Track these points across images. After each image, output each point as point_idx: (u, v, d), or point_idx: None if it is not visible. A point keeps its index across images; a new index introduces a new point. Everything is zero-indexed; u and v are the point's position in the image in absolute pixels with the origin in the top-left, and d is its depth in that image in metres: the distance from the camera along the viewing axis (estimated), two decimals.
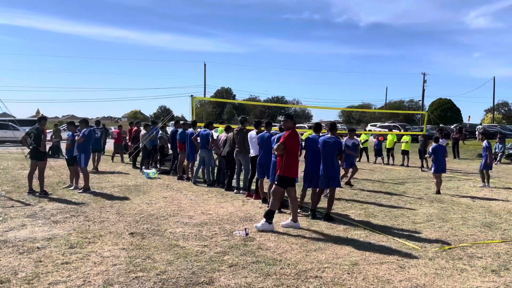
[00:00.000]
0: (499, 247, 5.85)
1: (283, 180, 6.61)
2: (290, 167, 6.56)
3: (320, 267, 4.85)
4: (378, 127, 37.40)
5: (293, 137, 6.62)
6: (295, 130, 6.80)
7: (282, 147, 6.54)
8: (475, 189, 11.44)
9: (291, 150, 6.57)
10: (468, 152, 23.85)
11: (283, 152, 6.55)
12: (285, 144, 6.54)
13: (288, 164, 6.54)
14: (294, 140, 6.61)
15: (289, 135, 6.62)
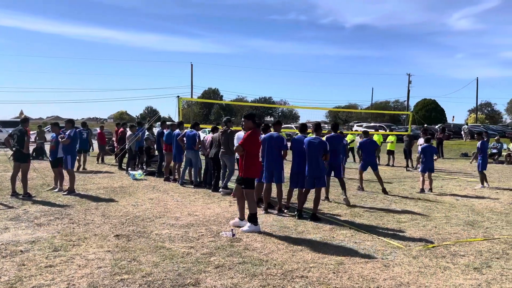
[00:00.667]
0: (481, 245, 5.97)
1: (247, 181, 6.56)
2: (251, 168, 6.53)
3: (306, 267, 4.88)
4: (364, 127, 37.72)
5: (252, 138, 6.58)
6: (255, 131, 6.71)
7: (241, 148, 6.51)
8: (459, 188, 11.62)
9: (250, 151, 6.54)
10: (452, 152, 24.23)
11: (243, 153, 6.52)
12: (244, 145, 6.50)
13: (249, 165, 6.51)
14: (253, 141, 6.58)
15: (248, 136, 6.57)
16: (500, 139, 20.33)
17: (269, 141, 7.83)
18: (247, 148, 6.53)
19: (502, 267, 5.03)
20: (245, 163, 6.53)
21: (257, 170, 6.72)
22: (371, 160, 10.54)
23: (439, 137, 22.74)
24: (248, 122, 6.71)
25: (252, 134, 6.62)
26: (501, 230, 6.89)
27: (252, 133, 6.63)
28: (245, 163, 6.53)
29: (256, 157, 6.71)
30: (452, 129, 38.94)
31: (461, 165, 18.55)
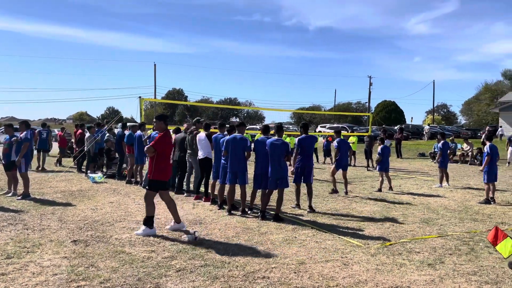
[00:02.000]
0: (435, 241, 6.23)
1: (154, 183, 6.39)
2: (161, 170, 6.36)
3: (268, 268, 4.92)
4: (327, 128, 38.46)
5: (164, 139, 6.38)
6: (167, 132, 6.52)
7: (152, 149, 6.28)
8: (416, 186, 12.08)
9: (162, 152, 6.36)
10: (410, 152, 25.12)
11: (154, 155, 6.32)
12: (155, 147, 6.30)
13: (159, 167, 6.34)
14: (165, 142, 6.39)
15: (161, 137, 6.36)
16: (455, 139, 21.27)
17: (232, 143, 7.83)
18: (159, 149, 6.31)
19: (455, 262, 5.27)
20: (155, 165, 6.31)
21: (167, 173, 6.50)
22: (346, 161, 10.72)
23: (398, 137, 23.53)
24: (160, 123, 6.50)
25: (164, 135, 6.40)
26: (454, 227, 7.22)
27: (164, 135, 6.40)
28: (156, 165, 6.31)
29: (168, 159, 6.51)
30: (411, 129, 40.41)
31: (419, 164, 19.27)
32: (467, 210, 8.67)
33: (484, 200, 9.45)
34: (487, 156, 9.55)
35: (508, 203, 9.59)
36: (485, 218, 7.98)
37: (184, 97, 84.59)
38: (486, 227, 7.18)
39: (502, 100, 42.77)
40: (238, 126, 8.13)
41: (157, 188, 6.48)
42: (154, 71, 55.94)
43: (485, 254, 5.63)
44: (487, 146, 9.77)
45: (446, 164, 12.21)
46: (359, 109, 76.74)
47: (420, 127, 45.33)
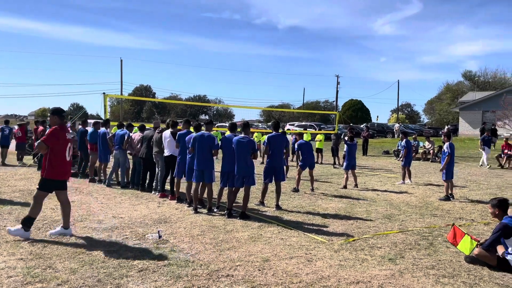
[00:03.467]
0: (396, 237, 6.40)
1: (47, 183, 5.87)
2: (54, 168, 5.83)
3: (232, 266, 4.90)
4: (296, 126, 38.86)
5: (56, 134, 5.85)
6: (61, 127, 6.01)
7: (44, 146, 5.79)
8: (380, 183, 12.38)
9: (55, 149, 5.84)
10: (375, 150, 25.74)
11: (46, 152, 5.84)
12: (47, 142, 5.80)
13: (51, 164, 5.83)
14: (57, 138, 5.84)
15: (52, 131, 5.86)
16: (417, 138, 21.93)
17: (200, 140, 7.75)
18: (51, 144, 5.81)
19: (414, 257, 5.43)
20: (48, 162, 5.81)
21: (63, 171, 5.97)
22: (311, 160, 10.82)
23: (364, 135, 24.06)
24: (54, 117, 6.03)
25: (57, 130, 5.90)
26: (415, 222, 7.44)
27: (57, 129, 5.91)
28: (49, 162, 5.81)
29: (63, 156, 5.93)
30: (376, 128, 41.44)
31: (383, 162, 19.77)
32: (428, 206, 8.96)
33: (444, 197, 9.79)
34: (448, 156, 9.85)
35: (466, 199, 9.98)
36: (444, 213, 8.27)
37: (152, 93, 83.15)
38: (445, 222, 7.45)
39: (462, 100, 44.55)
40: (207, 124, 8.05)
41: (50, 188, 5.94)
42: (121, 67, 54.79)
43: (443, 248, 5.84)
44: (446, 145, 10.08)
45: (409, 161, 12.58)
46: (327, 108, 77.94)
47: (385, 125, 46.59)
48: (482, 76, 63.18)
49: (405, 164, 12.46)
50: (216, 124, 35.78)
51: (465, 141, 31.47)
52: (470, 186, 12.17)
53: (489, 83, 59.67)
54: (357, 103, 61.39)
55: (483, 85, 57.94)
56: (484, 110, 35.91)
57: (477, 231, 6.80)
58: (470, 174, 15.01)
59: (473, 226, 7.25)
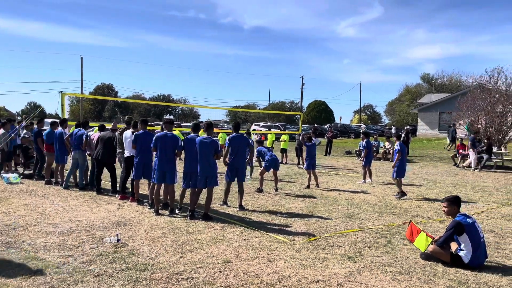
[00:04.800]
0: (356, 235, 6.53)
1: None
2: None
3: (193, 268, 4.83)
4: (261, 126, 39.01)
5: None
6: None
7: None
8: (342, 183, 12.62)
9: None
10: (338, 150, 26.25)
11: None
12: None
13: None
14: None
15: None
16: (378, 138, 22.57)
17: (162, 140, 7.60)
18: None
19: (373, 255, 5.56)
20: None
21: None
22: (275, 160, 10.83)
23: (328, 136, 24.49)
24: None
25: None
26: (374, 221, 7.62)
27: None
28: None
29: None
30: (339, 128, 42.32)
31: (346, 161, 20.18)
32: (387, 205, 9.21)
33: (399, 194, 10.08)
34: (398, 153, 10.21)
35: (423, 197, 10.35)
36: (402, 211, 8.53)
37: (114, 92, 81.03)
38: (402, 220, 7.68)
39: (421, 101, 46.21)
40: (166, 123, 7.91)
41: None
42: (81, 65, 52.99)
43: (400, 246, 6.01)
44: (396, 144, 10.44)
45: (370, 161, 12.91)
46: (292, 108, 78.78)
47: (348, 126, 47.67)
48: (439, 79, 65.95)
49: (366, 164, 12.79)
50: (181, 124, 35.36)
51: (423, 142, 32.71)
52: (427, 184, 12.63)
53: (445, 85, 62.32)
54: (321, 104, 62.49)
55: (440, 87, 60.46)
56: (441, 111, 37.43)
57: (433, 229, 7.05)
58: (427, 173, 15.59)
59: (429, 224, 7.51)
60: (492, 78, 21.34)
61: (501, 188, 12.04)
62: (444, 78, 65.74)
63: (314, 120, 51.64)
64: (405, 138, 22.38)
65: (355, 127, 45.30)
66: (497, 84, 20.98)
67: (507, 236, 6.66)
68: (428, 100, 42.56)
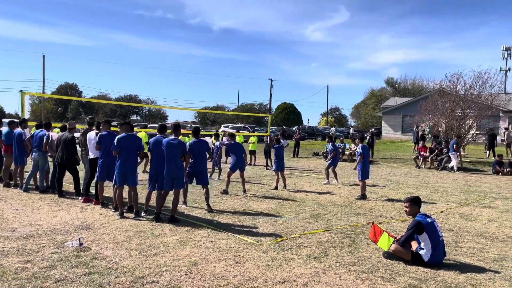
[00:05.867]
0: (322, 235, 6.63)
1: None
2: None
3: (158, 272, 4.76)
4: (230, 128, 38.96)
5: None
6: None
7: None
8: (309, 184, 12.80)
9: None
10: (306, 151, 26.58)
11: None
12: None
13: None
14: None
15: None
16: (344, 140, 23.02)
17: (125, 142, 7.46)
18: None
19: (338, 254, 5.66)
20: None
21: None
22: (241, 162, 10.81)
23: (296, 138, 24.75)
24: None
25: None
26: (340, 221, 7.77)
27: None
28: None
29: None
30: (307, 130, 42.91)
31: (313, 163, 20.47)
32: (352, 205, 9.42)
33: (360, 196, 10.29)
34: (360, 156, 10.45)
35: (387, 198, 10.64)
36: (366, 212, 8.75)
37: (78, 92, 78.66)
38: (367, 220, 7.87)
39: (385, 105, 47.54)
40: (121, 125, 7.80)
41: None
42: (43, 63, 50.75)
43: (364, 245, 6.16)
44: (359, 147, 10.68)
45: (335, 163, 13.16)
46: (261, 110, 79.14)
47: (316, 128, 48.41)
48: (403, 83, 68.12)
49: (330, 165, 13.05)
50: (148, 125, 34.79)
51: (388, 144, 33.65)
52: (390, 185, 13.01)
53: (408, 89, 64.40)
54: (290, 106, 63.15)
55: (404, 91, 62.39)
56: (404, 114, 38.65)
57: (395, 228, 7.27)
58: (390, 175, 16.05)
59: (392, 224, 7.74)
60: (451, 83, 22.22)
61: (459, 189, 12.56)
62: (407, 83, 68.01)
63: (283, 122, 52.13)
64: (370, 140, 22.98)
65: (322, 129, 46.05)
66: (456, 88, 21.86)
67: (465, 235, 6.96)
68: (392, 104, 43.84)
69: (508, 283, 4.75)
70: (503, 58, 55.20)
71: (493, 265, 5.39)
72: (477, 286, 4.63)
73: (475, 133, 22.23)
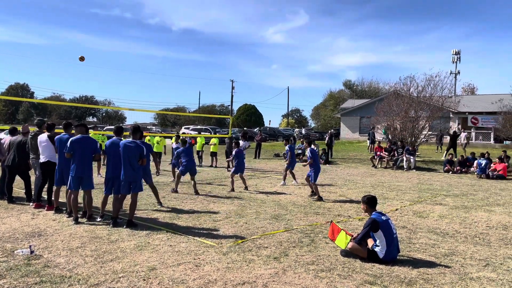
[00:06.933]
0: (282, 236, 6.70)
1: None
2: None
3: (114, 278, 4.62)
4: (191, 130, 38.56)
5: None
6: None
7: None
8: (270, 185, 12.89)
9: None
10: (267, 153, 26.77)
11: None
12: None
13: None
14: None
15: None
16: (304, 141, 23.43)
17: (80, 144, 7.20)
18: None
19: (297, 254, 5.74)
20: None
21: None
22: (190, 166, 10.68)
23: (258, 139, 24.87)
24: None
25: None
26: (299, 221, 7.88)
27: None
28: None
29: None
30: (268, 132, 43.24)
31: (274, 164, 20.65)
32: (311, 205, 9.58)
33: (317, 198, 10.41)
34: (310, 160, 10.52)
35: (345, 197, 10.91)
36: (325, 211, 8.92)
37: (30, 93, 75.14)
38: (325, 219, 8.02)
39: (343, 106, 48.78)
40: (76, 126, 7.54)
41: None
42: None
43: (322, 244, 6.27)
44: (308, 151, 10.74)
45: (292, 164, 13.30)
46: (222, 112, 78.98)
47: (277, 129, 48.88)
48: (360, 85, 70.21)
49: (288, 167, 13.19)
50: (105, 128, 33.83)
51: (346, 144, 34.52)
52: (348, 185, 13.35)
53: (365, 91, 66.47)
54: (251, 108, 63.36)
55: (361, 93, 64.35)
56: (361, 116, 39.83)
57: (353, 227, 7.46)
58: (349, 174, 16.48)
59: (350, 222, 7.94)
60: (405, 85, 23.16)
61: (413, 187, 13.09)
62: (364, 85, 70.19)
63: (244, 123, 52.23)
64: (329, 141, 23.49)
65: (283, 131, 46.57)
66: (409, 91, 22.80)
67: (418, 231, 7.25)
68: (350, 105, 45.05)
69: (457, 277, 4.99)
70: (453, 62, 58.35)
71: (444, 260, 5.66)
72: (428, 281, 4.84)
73: (427, 133, 23.26)
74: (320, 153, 21.80)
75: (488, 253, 6.05)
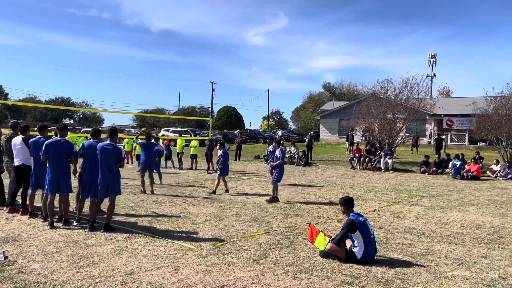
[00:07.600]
0: (261, 238, 6.71)
1: None
2: None
3: (91, 283, 4.55)
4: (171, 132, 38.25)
5: None
6: None
7: None
8: (251, 187, 12.89)
9: None
10: (248, 155, 26.79)
11: None
12: None
13: None
14: None
15: None
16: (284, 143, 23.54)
17: (55, 147, 7.05)
18: None
19: (276, 256, 5.76)
20: None
21: None
22: (151, 162, 10.61)
23: (238, 141, 24.86)
24: None
25: None
26: (279, 223, 7.92)
27: None
28: None
29: None
30: (249, 134, 43.29)
31: (254, 166, 20.68)
32: (291, 207, 9.63)
33: (270, 199, 10.28)
34: (282, 159, 10.61)
35: (324, 198, 11.02)
36: (304, 213, 8.99)
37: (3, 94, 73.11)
38: (305, 221, 8.08)
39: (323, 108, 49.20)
40: (60, 129, 7.39)
41: None
42: None
43: (302, 245, 6.32)
44: (278, 151, 10.82)
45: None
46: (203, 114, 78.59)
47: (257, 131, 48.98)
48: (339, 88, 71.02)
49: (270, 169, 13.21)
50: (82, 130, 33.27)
51: (325, 146, 34.86)
52: (327, 186, 13.48)
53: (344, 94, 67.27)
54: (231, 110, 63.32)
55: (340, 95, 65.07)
56: (340, 118, 40.32)
57: (332, 228, 7.54)
58: (328, 176, 16.65)
59: (329, 223, 8.02)
60: (383, 88, 23.57)
61: (390, 188, 13.33)
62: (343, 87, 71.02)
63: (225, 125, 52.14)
64: (309, 143, 23.67)
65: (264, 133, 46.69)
66: (387, 93, 23.22)
67: (395, 232, 7.39)
68: (329, 108, 45.50)
69: (433, 276, 5.11)
70: (429, 65, 59.74)
71: (420, 259, 5.78)
72: (404, 280, 4.93)
73: (404, 135, 23.72)
74: (300, 155, 21.96)
75: (462, 252, 6.21)
